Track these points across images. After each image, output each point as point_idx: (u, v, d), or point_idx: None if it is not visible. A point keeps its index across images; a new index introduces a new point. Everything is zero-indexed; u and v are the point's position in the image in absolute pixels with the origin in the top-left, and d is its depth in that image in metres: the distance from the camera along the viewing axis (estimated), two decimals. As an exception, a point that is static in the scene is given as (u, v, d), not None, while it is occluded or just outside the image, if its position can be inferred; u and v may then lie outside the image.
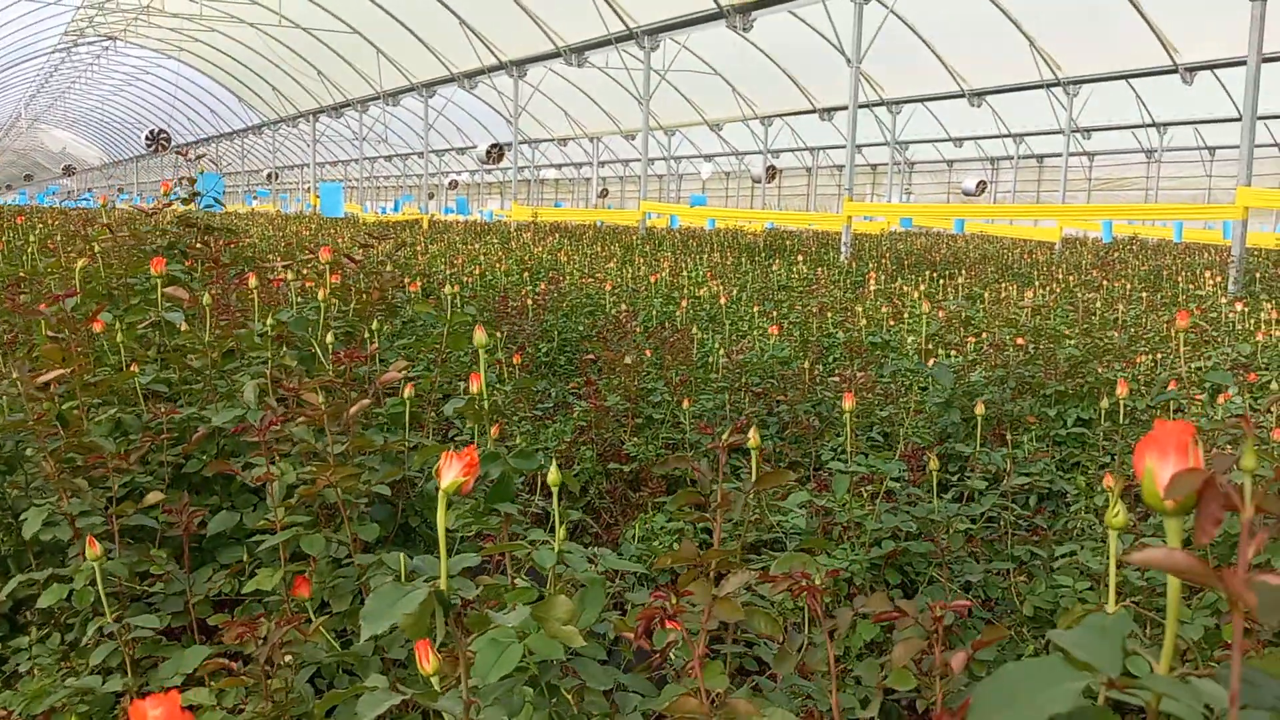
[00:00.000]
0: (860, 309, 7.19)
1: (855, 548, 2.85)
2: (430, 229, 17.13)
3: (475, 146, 32.09)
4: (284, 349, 2.89)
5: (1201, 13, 15.38)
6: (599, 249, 12.98)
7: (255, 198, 48.57)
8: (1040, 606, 2.71)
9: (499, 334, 4.96)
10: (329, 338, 2.83)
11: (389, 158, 43.46)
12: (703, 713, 1.05)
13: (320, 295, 3.01)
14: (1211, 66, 16.27)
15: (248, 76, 35.46)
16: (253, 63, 33.38)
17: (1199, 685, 0.63)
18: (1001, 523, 3.24)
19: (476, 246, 12.63)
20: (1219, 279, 9.37)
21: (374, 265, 5.09)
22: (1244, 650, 0.60)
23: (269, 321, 2.76)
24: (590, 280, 8.33)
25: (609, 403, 3.90)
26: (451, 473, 1.09)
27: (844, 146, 14.20)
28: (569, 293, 7.17)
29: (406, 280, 5.78)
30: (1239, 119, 9.51)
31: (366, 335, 3.18)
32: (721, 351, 4.50)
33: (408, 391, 2.43)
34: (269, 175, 45.65)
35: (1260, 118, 14.02)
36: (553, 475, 1.58)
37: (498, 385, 3.87)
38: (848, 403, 2.59)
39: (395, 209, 34.99)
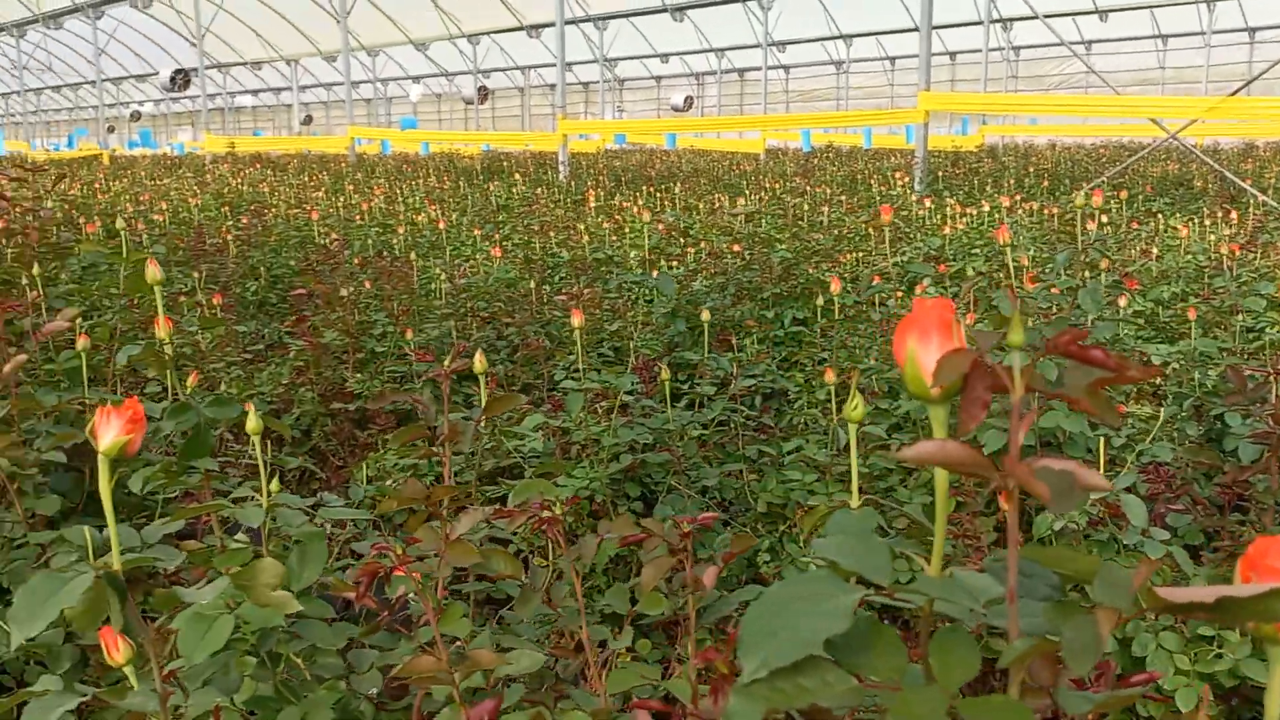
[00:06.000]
0: (582, 226, 7.16)
1: (594, 465, 2.82)
2: (112, 165, 15.56)
3: (158, 73, 29.23)
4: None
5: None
6: (306, 179, 12.24)
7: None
8: (773, 502, 2.79)
9: (197, 274, 4.53)
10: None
11: (57, 88, 38.96)
12: (441, 670, 0.95)
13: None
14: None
15: None
16: None
17: (972, 581, 0.58)
18: (732, 425, 3.31)
19: (166, 181, 11.58)
20: (906, 180, 10.06)
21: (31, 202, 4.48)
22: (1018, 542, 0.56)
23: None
24: (298, 211, 7.81)
25: (326, 339, 3.65)
26: (111, 431, 0.90)
27: (555, 65, 14.03)
28: (275, 225, 6.68)
29: (83, 221, 5.17)
30: (916, 29, 10.14)
31: (26, 282, 2.76)
32: (443, 277, 4.31)
33: (81, 343, 2.11)
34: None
35: (935, 27, 15.07)
36: (251, 423, 1.39)
37: (196, 330, 3.51)
38: (576, 319, 2.52)
39: (70, 145, 31.45)
